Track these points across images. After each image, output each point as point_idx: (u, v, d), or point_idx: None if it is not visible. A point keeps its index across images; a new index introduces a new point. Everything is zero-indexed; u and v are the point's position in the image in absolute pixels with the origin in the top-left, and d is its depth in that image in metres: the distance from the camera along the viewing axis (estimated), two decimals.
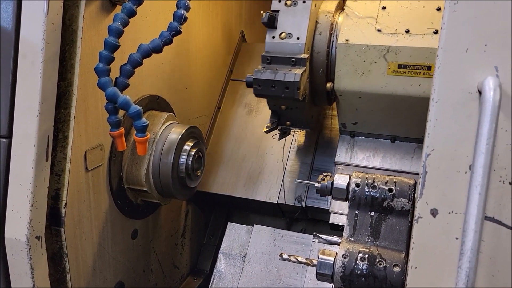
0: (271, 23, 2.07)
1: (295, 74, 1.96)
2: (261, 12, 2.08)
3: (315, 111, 2.40)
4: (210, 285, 2.43)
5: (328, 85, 2.12)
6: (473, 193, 1.07)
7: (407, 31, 1.91)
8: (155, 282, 2.55)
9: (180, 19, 1.72)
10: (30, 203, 1.61)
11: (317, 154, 2.66)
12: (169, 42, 1.73)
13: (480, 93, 1.13)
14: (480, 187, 1.06)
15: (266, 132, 2.31)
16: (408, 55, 1.89)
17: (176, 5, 1.74)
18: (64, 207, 1.73)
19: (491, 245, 1.15)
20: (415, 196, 1.46)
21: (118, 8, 1.81)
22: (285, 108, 2.18)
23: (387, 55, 1.92)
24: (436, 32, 1.88)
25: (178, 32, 1.72)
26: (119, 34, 1.65)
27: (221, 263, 2.46)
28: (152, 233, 2.46)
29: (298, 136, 2.70)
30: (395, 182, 1.60)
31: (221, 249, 2.50)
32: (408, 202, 1.56)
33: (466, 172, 1.16)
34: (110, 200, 2.05)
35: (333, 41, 2.10)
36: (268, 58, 2.06)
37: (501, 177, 1.14)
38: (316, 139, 2.71)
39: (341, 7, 2.20)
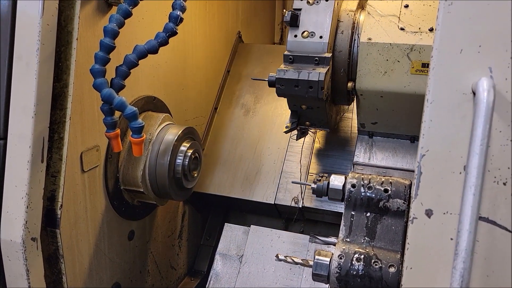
0: (294, 21, 2.04)
1: (319, 73, 1.94)
2: (283, 10, 2.06)
3: (334, 111, 2.38)
4: (207, 285, 2.43)
5: (350, 84, 2.10)
6: (467, 193, 1.07)
7: (431, 30, 1.88)
8: (152, 283, 2.55)
9: (176, 20, 1.72)
10: (26, 204, 1.60)
11: (314, 155, 2.66)
12: (165, 43, 1.73)
13: (474, 94, 1.13)
14: (475, 188, 1.06)
15: (286, 132, 2.28)
16: None
17: (172, 6, 1.74)
18: (60, 209, 1.73)
19: (485, 245, 1.15)
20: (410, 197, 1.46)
21: (114, 9, 1.81)
22: (306, 108, 2.16)
23: (411, 54, 1.89)
24: None
25: (174, 33, 1.72)
26: (114, 35, 1.64)
27: (218, 264, 2.46)
28: (148, 234, 2.45)
29: (294, 136, 2.69)
30: (390, 182, 1.60)
31: (218, 249, 2.50)
32: (403, 203, 1.56)
33: (460, 173, 1.17)
34: (106, 201, 2.04)
35: (355, 40, 2.08)
36: (291, 57, 2.04)
37: (495, 177, 1.15)
38: (313, 140, 2.71)
39: (362, 5, 2.19)
